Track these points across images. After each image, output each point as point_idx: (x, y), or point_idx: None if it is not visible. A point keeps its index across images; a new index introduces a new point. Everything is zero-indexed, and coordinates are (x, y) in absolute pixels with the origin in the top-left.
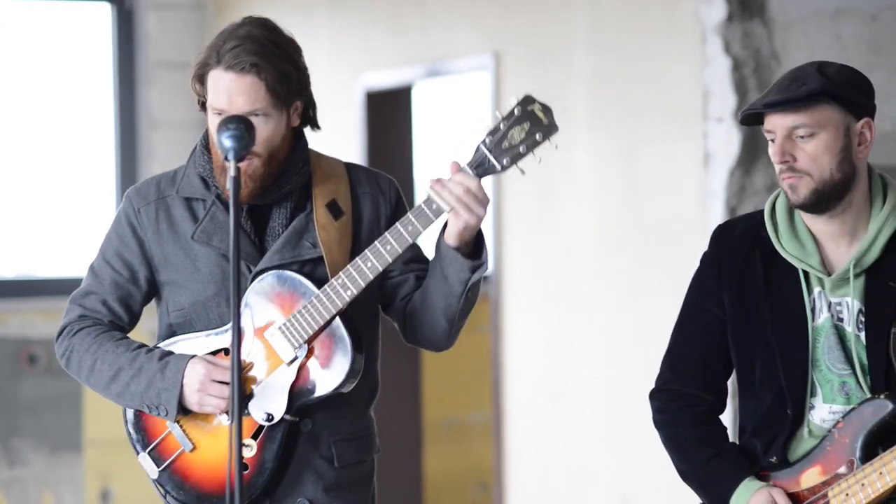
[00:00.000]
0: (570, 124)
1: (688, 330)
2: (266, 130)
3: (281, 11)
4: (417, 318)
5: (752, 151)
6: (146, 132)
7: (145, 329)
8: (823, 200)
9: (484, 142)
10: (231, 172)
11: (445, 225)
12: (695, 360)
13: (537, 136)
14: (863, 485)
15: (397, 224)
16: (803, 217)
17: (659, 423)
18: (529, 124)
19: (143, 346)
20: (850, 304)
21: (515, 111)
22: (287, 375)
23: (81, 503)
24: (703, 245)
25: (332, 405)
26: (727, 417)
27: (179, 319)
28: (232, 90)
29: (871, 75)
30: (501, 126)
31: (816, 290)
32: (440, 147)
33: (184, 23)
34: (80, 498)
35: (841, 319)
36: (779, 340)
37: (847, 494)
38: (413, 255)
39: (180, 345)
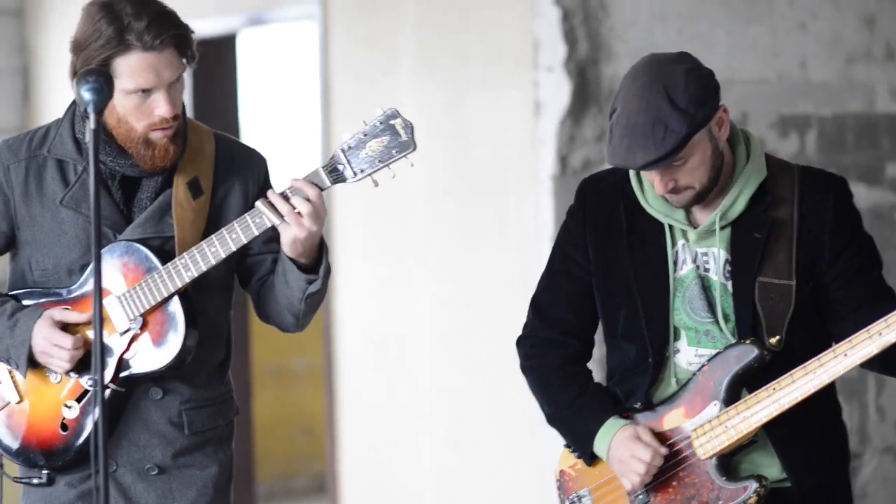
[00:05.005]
0: (397, 71)
1: (554, 279)
2: (181, 92)
3: None
4: (267, 304)
5: (582, 101)
6: None
7: None
8: (705, 195)
9: (342, 148)
10: (91, 125)
11: None
12: (560, 307)
13: (394, 152)
14: (726, 427)
15: (246, 215)
16: None
17: (525, 369)
18: (389, 138)
19: None
20: (717, 254)
21: (377, 123)
22: (118, 345)
23: None
24: (534, 192)
25: (183, 374)
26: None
27: (42, 279)
28: (157, 66)
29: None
30: (361, 135)
31: (680, 242)
32: (267, 97)
33: None
34: None
35: (707, 270)
36: (641, 292)
37: (710, 436)
38: (274, 234)
39: (33, 301)
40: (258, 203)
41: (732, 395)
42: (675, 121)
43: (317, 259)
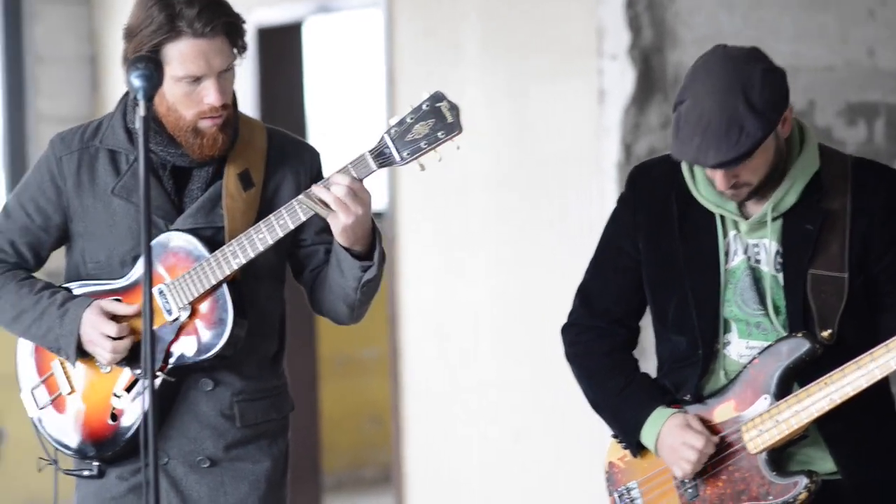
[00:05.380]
0: (461, 61)
1: (602, 267)
2: (232, 82)
3: None
4: (321, 295)
5: (647, 89)
6: (32, 67)
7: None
8: (761, 190)
9: (388, 132)
10: (140, 112)
11: None
12: (608, 296)
13: (439, 134)
14: (777, 422)
15: (293, 201)
16: None
17: (571, 356)
18: (434, 121)
19: (46, 286)
20: (769, 245)
21: (423, 106)
22: (166, 334)
23: None
24: (598, 182)
25: (234, 365)
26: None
27: (96, 271)
28: (207, 53)
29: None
30: (408, 119)
31: (732, 233)
32: (332, 84)
33: None
34: None
35: (758, 261)
36: (692, 282)
37: (761, 430)
38: (326, 225)
39: (85, 290)
40: (301, 196)
41: (783, 389)
42: (751, 123)
43: (370, 245)
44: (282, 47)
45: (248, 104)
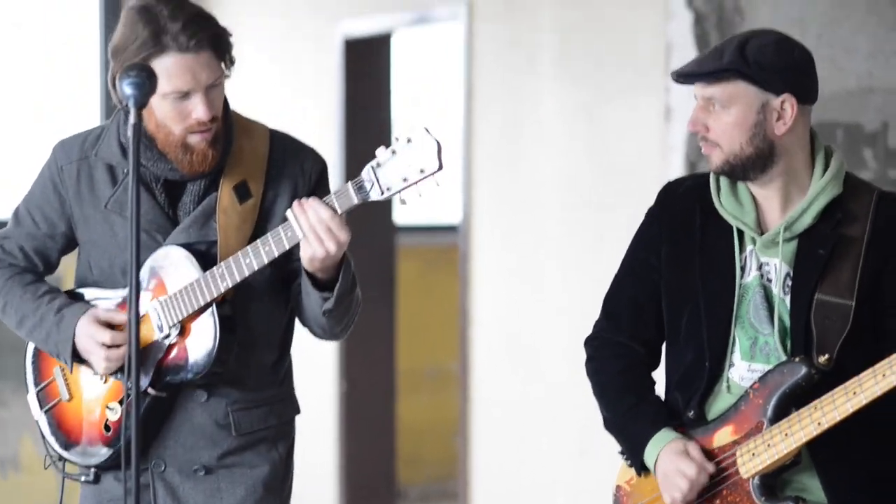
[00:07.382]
0: (538, 74)
1: (625, 281)
2: (221, 96)
3: None
4: (299, 313)
5: None
6: None
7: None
8: (737, 171)
9: (372, 165)
10: (132, 120)
11: None
12: (628, 310)
13: (420, 172)
14: (769, 445)
15: (279, 227)
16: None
17: (589, 371)
18: (416, 158)
19: (48, 291)
20: (779, 266)
21: (407, 141)
22: (157, 351)
23: None
24: None
25: (228, 377)
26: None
27: (101, 278)
28: (194, 68)
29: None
30: (391, 153)
31: (749, 248)
32: (418, 97)
33: None
34: None
35: (770, 280)
36: (706, 294)
37: (753, 454)
38: None
39: (90, 297)
40: (287, 212)
41: (780, 414)
42: (729, 56)
43: (335, 278)
44: (369, 59)
45: (335, 115)
